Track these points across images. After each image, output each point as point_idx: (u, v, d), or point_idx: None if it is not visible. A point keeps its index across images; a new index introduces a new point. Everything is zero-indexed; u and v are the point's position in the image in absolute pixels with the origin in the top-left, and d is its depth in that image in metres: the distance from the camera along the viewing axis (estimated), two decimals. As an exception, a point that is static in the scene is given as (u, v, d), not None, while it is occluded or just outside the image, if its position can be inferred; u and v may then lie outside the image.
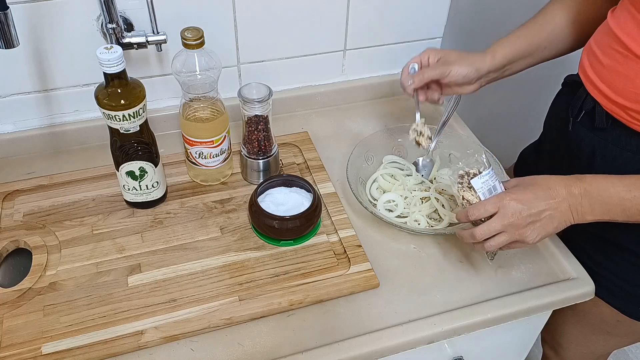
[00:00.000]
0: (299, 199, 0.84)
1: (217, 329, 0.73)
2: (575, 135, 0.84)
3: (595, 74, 0.77)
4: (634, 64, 0.70)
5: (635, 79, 0.71)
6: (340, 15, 1.03)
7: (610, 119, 0.77)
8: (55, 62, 0.91)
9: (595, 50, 0.77)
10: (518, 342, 0.94)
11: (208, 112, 0.86)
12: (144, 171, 0.83)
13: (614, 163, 0.78)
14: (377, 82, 1.14)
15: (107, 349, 0.69)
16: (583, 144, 0.82)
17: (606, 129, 0.78)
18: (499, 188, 0.73)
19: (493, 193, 0.72)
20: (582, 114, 0.82)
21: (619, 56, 0.72)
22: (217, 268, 0.79)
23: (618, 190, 0.69)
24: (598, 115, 0.78)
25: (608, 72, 0.75)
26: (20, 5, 0.83)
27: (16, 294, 0.75)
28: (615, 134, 0.77)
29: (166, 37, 0.88)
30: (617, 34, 0.72)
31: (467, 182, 0.74)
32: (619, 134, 0.77)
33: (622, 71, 0.72)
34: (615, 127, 0.77)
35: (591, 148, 0.81)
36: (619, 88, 0.73)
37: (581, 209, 0.70)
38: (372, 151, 0.95)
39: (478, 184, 0.73)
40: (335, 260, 0.81)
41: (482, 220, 0.71)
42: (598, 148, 0.80)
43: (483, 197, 0.72)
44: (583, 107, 0.81)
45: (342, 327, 0.74)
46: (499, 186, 0.73)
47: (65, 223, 0.85)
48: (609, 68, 0.74)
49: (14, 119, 0.96)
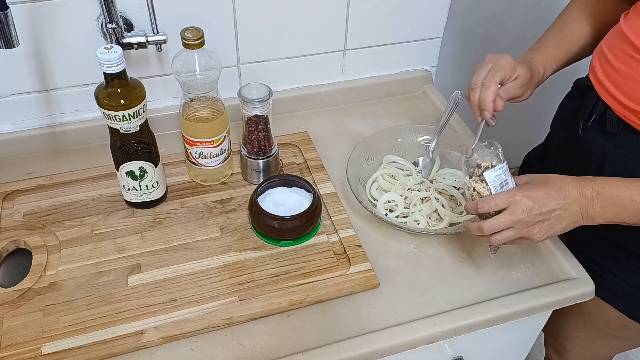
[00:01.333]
0: (299, 199, 0.84)
1: (217, 329, 0.73)
2: (585, 140, 0.83)
3: (607, 78, 0.76)
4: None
5: None
6: (340, 15, 1.03)
7: (621, 123, 0.76)
8: (55, 62, 0.91)
9: (607, 54, 0.76)
10: (518, 342, 0.94)
11: (208, 112, 0.86)
12: (144, 171, 0.83)
13: (624, 168, 0.77)
14: (377, 82, 1.14)
15: (107, 349, 0.69)
16: (593, 148, 0.82)
17: (617, 134, 0.77)
18: (510, 183, 0.73)
19: (505, 188, 0.72)
20: (593, 118, 0.81)
21: (632, 61, 0.72)
22: (217, 268, 0.79)
23: (631, 194, 0.69)
24: (609, 120, 0.77)
25: (620, 76, 0.74)
26: (20, 5, 0.83)
27: (16, 294, 0.75)
28: (626, 138, 0.77)
29: (166, 37, 0.88)
30: (631, 38, 0.72)
31: (480, 174, 0.73)
32: (630, 139, 0.76)
33: (636, 76, 0.72)
34: (626, 132, 0.76)
35: (601, 152, 0.80)
36: (631, 93, 0.73)
37: (592, 211, 0.70)
38: (372, 151, 0.95)
39: (491, 177, 0.72)
40: (335, 260, 0.81)
41: (490, 215, 0.71)
42: (608, 153, 0.79)
43: (494, 191, 0.72)
44: (594, 111, 0.80)
45: (342, 327, 0.74)
46: (511, 181, 0.73)
47: (65, 223, 0.85)
48: (621, 72, 0.74)
49: (14, 119, 0.96)
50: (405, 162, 0.96)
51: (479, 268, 0.82)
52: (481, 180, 0.73)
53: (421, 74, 1.17)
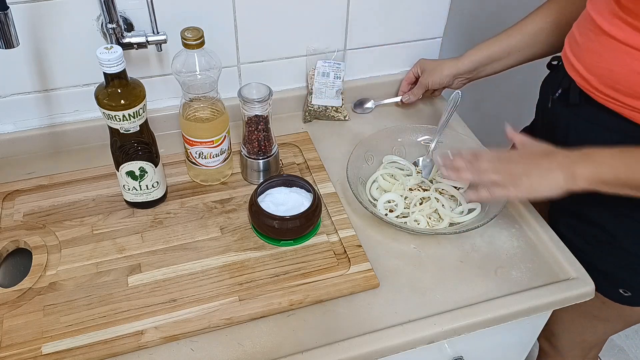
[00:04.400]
0: (299, 199, 0.84)
1: (217, 329, 0.73)
2: (554, 113, 0.88)
3: (572, 53, 0.81)
4: (602, 39, 0.74)
5: (604, 53, 0.74)
6: (340, 15, 1.03)
7: (583, 96, 0.80)
8: (55, 62, 0.91)
9: (575, 31, 0.82)
10: (518, 342, 0.94)
11: (208, 112, 0.86)
12: (144, 171, 0.83)
13: (586, 138, 0.79)
14: (377, 82, 1.14)
15: (107, 349, 0.69)
16: (559, 120, 0.86)
17: (579, 105, 0.81)
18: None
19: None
20: (560, 91, 0.86)
21: (591, 34, 0.77)
22: (217, 268, 0.79)
23: (611, 152, 0.71)
24: (572, 92, 0.82)
25: (582, 50, 0.79)
26: (20, 5, 0.83)
27: (16, 294, 0.75)
28: (587, 110, 0.80)
29: (166, 37, 0.88)
30: (592, 15, 0.76)
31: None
32: (590, 111, 0.80)
33: (593, 47, 0.76)
34: (587, 104, 0.80)
35: (566, 123, 0.85)
36: (591, 64, 0.77)
37: (574, 168, 0.71)
38: (372, 151, 0.95)
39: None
40: (335, 260, 0.81)
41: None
42: (572, 124, 0.84)
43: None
44: (561, 84, 0.85)
45: (342, 327, 0.74)
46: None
47: (65, 223, 0.85)
48: (583, 46, 0.79)
49: (14, 119, 0.96)
50: (405, 162, 0.96)
51: (479, 268, 0.82)
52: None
53: (421, 74, 1.17)
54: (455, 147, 0.96)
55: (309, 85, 1.06)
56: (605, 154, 0.71)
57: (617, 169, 0.70)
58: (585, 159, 0.71)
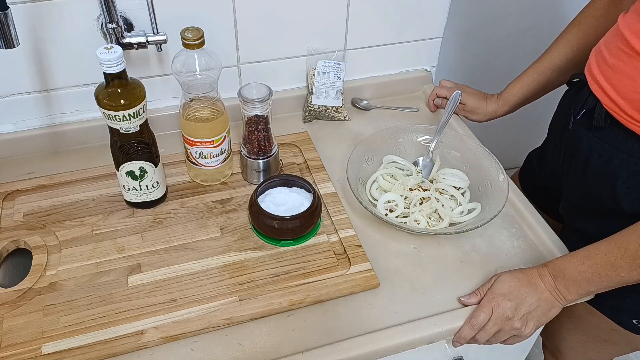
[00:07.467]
0: (299, 199, 0.84)
1: (217, 329, 0.73)
2: (575, 134, 0.84)
3: (600, 73, 0.78)
4: (637, 63, 0.71)
5: (637, 77, 0.71)
6: (340, 15, 1.03)
7: (609, 118, 0.77)
8: (55, 62, 0.91)
9: (603, 50, 0.78)
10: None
11: (208, 112, 0.86)
12: (144, 171, 0.83)
13: (609, 164, 0.78)
14: (377, 82, 1.14)
15: (107, 349, 0.69)
16: (582, 143, 0.82)
17: (604, 128, 0.78)
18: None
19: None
20: (583, 112, 0.82)
21: (624, 55, 0.73)
22: (217, 268, 0.79)
23: (574, 266, 0.72)
24: (597, 113, 0.78)
25: (613, 71, 0.75)
26: (20, 5, 0.83)
27: (16, 294, 0.75)
28: (612, 133, 0.77)
29: (166, 37, 0.88)
30: (625, 34, 0.73)
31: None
32: (616, 134, 0.77)
33: (626, 70, 0.73)
34: (613, 127, 0.77)
35: (588, 147, 0.81)
36: (620, 86, 0.74)
37: (560, 294, 0.73)
38: (372, 151, 0.95)
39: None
40: (335, 260, 0.81)
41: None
42: (595, 148, 0.80)
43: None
44: (585, 105, 0.81)
45: (342, 327, 0.74)
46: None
47: (66, 223, 0.85)
48: (613, 67, 0.75)
49: (14, 119, 0.96)
50: (405, 162, 0.96)
51: (479, 268, 0.82)
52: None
53: (421, 74, 1.17)
54: (456, 147, 0.96)
55: (309, 85, 1.06)
56: (571, 269, 0.72)
57: (594, 280, 0.71)
58: (565, 283, 0.72)
